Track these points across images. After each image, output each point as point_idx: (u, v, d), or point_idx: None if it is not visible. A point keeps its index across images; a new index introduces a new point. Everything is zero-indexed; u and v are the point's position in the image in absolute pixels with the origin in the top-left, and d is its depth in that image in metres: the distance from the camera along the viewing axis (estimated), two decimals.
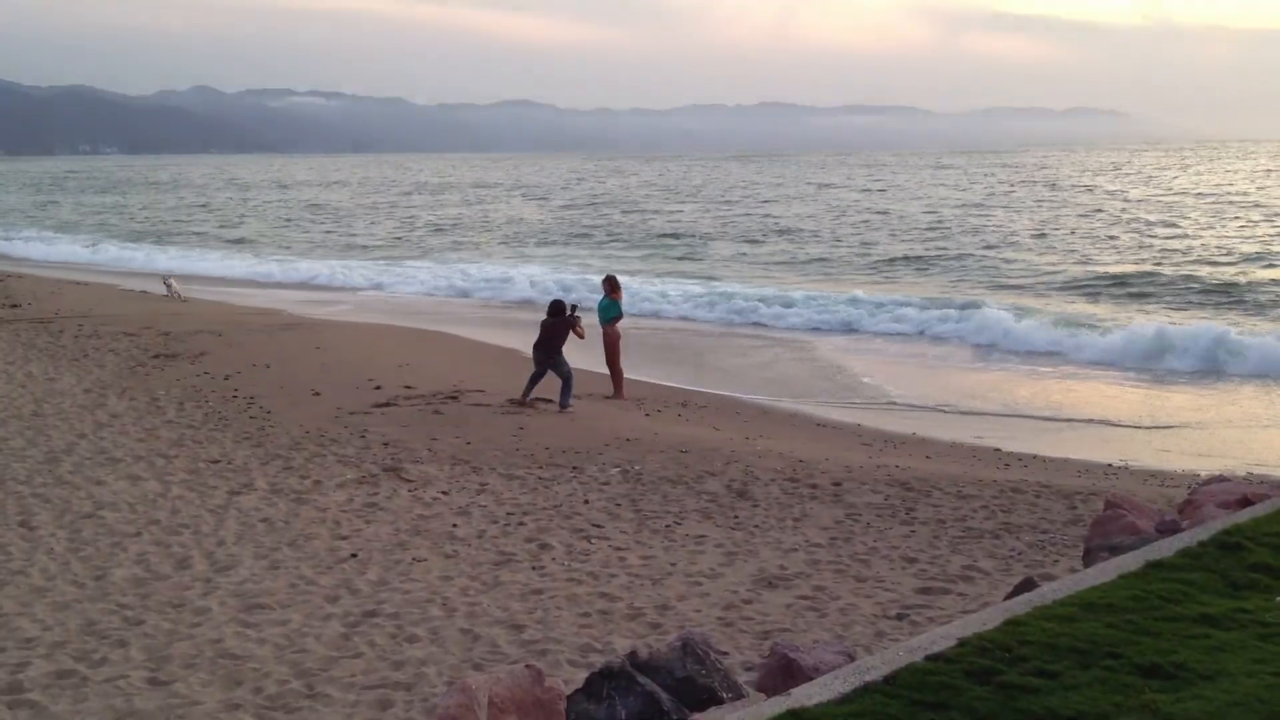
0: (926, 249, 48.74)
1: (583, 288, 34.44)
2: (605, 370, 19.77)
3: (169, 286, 34.26)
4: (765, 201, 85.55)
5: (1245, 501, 7.36)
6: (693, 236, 58.38)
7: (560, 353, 18.16)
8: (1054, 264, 41.52)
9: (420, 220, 76.35)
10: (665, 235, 59.52)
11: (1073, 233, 52.74)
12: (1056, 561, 10.42)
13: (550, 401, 18.00)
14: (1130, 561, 5.99)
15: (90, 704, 7.60)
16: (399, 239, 63.02)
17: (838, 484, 13.29)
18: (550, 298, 22.13)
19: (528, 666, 5.25)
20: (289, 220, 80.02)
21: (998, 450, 15.92)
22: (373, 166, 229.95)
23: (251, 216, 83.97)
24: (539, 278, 40.63)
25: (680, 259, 49.48)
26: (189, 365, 21.12)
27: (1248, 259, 41.02)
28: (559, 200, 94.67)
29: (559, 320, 18.32)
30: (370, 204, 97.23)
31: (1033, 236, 51.72)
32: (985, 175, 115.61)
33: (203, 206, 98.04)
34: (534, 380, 18.14)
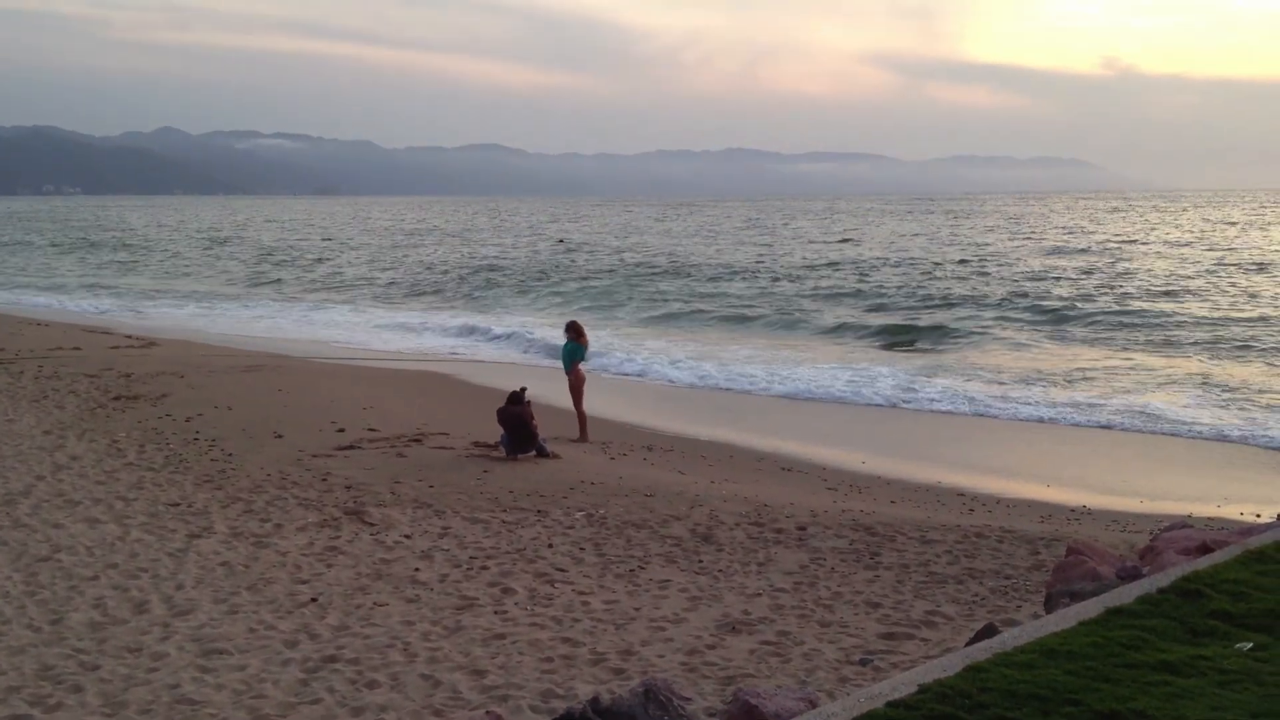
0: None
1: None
2: (570, 408, 19.75)
3: None
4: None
5: (1205, 548, 7.40)
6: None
7: (538, 437, 17.70)
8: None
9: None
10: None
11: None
12: (1020, 607, 10.44)
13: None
14: (1091, 608, 6.01)
15: None
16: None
17: (802, 528, 13.30)
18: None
19: (489, 713, 5.22)
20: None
21: (961, 495, 15.97)
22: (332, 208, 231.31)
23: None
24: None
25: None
26: (150, 407, 20.94)
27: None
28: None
29: (524, 408, 17.64)
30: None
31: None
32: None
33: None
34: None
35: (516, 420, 17.51)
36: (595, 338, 28.37)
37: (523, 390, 17.98)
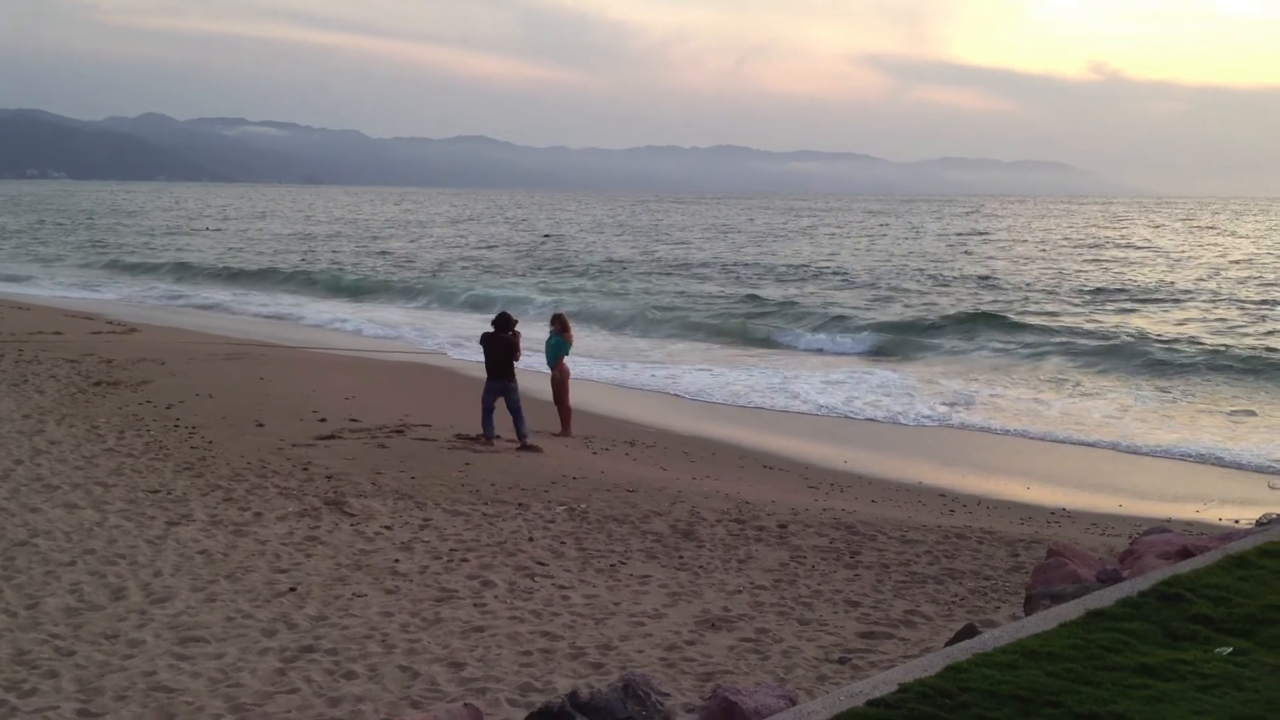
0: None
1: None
2: (550, 401, 19.67)
3: None
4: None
5: (1185, 553, 7.42)
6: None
7: (514, 375, 18.05)
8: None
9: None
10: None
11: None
12: (998, 608, 10.46)
13: (506, 439, 17.86)
14: (1071, 610, 6.01)
15: None
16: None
17: (783, 526, 13.29)
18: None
19: (466, 705, 5.19)
20: None
21: (942, 495, 15.99)
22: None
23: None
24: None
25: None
26: (131, 393, 20.83)
27: None
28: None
29: (511, 335, 18.14)
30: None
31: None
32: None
33: None
34: (490, 413, 17.96)
35: (503, 347, 17.96)
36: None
37: (507, 315, 18.52)
